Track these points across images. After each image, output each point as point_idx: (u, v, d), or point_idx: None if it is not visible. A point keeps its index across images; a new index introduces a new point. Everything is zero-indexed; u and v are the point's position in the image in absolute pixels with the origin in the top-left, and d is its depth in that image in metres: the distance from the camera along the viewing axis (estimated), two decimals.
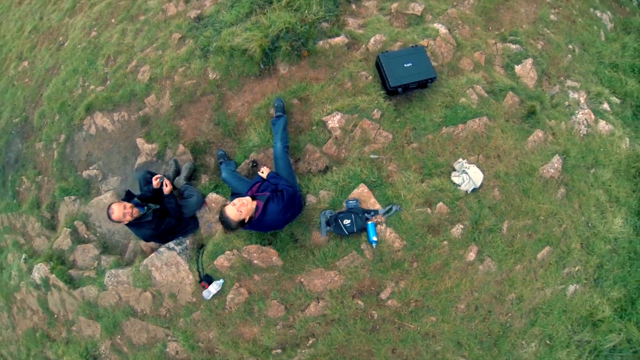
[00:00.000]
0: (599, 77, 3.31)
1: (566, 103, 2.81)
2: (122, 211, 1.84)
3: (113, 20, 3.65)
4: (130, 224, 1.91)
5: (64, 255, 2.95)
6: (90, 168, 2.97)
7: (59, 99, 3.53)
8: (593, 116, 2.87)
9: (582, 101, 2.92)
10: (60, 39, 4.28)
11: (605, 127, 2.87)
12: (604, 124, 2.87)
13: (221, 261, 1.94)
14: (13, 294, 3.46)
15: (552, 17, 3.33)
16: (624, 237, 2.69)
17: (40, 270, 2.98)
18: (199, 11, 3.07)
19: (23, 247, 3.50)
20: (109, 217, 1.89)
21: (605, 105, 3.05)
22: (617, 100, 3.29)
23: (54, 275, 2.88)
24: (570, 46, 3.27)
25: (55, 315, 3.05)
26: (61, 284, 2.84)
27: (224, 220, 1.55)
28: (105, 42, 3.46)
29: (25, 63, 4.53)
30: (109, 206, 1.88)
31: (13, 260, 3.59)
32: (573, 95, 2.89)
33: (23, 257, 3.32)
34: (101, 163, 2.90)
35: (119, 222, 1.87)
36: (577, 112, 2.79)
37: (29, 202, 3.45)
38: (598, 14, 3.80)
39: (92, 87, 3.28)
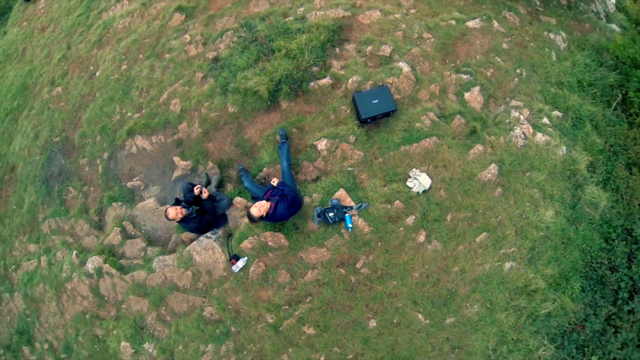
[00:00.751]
0: (544, 95, 4.56)
1: (507, 120, 4.07)
2: (175, 212, 3.13)
3: (141, 56, 5.01)
4: (180, 221, 3.21)
5: (114, 249, 4.28)
6: (134, 180, 4.31)
7: (98, 123, 4.89)
8: (532, 130, 4.12)
9: (523, 118, 4.18)
10: (91, 68, 5.66)
11: (542, 138, 4.13)
12: (541, 136, 4.13)
13: (245, 244, 3.25)
14: (64, 284, 4.79)
15: (504, 45, 4.59)
16: (556, 226, 3.92)
17: (94, 262, 4.31)
18: (215, 53, 4.41)
19: (72, 245, 4.85)
20: (166, 217, 3.17)
21: (545, 120, 4.31)
22: (560, 114, 4.53)
23: (107, 265, 4.20)
24: (518, 70, 4.53)
25: (106, 298, 4.37)
26: (113, 271, 4.16)
27: (250, 216, 2.85)
28: (136, 76, 4.81)
29: (59, 89, 5.92)
30: (166, 210, 3.16)
31: (62, 257, 4.93)
32: (515, 113, 4.15)
33: (74, 253, 4.66)
34: (143, 175, 4.23)
35: (173, 220, 3.16)
36: (516, 127, 4.04)
37: (77, 208, 4.79)
38: (552, 37, 5.06)
39: (129, 114, 4.63)
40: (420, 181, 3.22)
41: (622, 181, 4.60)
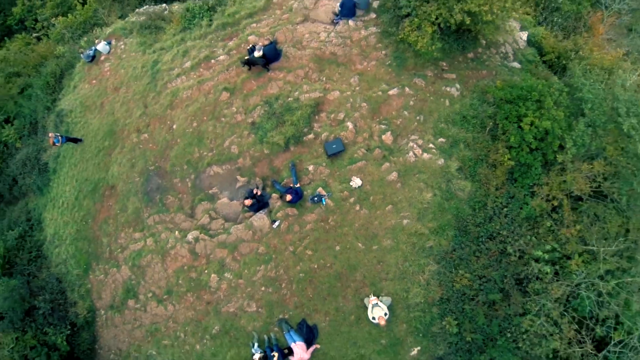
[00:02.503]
0: (434, 130, 11.43)
1: (406, 148, 10.88)
2: (249, 202, 10.02)
3: (205, 118, 11.97)
4: (249, 207, 10.09)
5: (205, 226, 11.18)
6: (213, 189, 11.22)
7: (184, 158, 11.86)
8: (421, 152, 10.96)
9: (416, 146, 10.98)
10: (169, 123, 12.65)
11: (427, 156, 11.01)
12: (426, 155, 10.99)
13: (278, 214, 10.26)
14: (168, 251, 11.72)
15: (411, 103, 11.50)
16: (434, 201, 10.71)
17: (193, 234, 11.24)
18: (252, 119, 11.40)
19: (173, 229, 11.74)
20: (244, 205, 10.11)
21: (431, 145, 11.15)
22: (443, 140, 11.42)
23: (201, 235, 11.10)
24: (418, 117, 11.42)
25: (199, 254, 11.25)
26: (206, 237, 11.07)
27: (283, 199, 9.75)
28: (204, 130, 11.76)
29: (146, 135, 12.92)
30: (243, 202, 10.09)
31: (166, 236, 11.82)
32: (411, 144, 10.94)
33: (177, 232, 11.52)
34: (218, 186, 11.12)
35: (247, 206, 10.02)
36: (410, 151, 10.82)
37: (175, 207, 11.73)
38: (448, 89, 11.94)
39: (205, 153, 11.58)
40: (356, 182, 9.99)
41: (483, 175, 11.33)
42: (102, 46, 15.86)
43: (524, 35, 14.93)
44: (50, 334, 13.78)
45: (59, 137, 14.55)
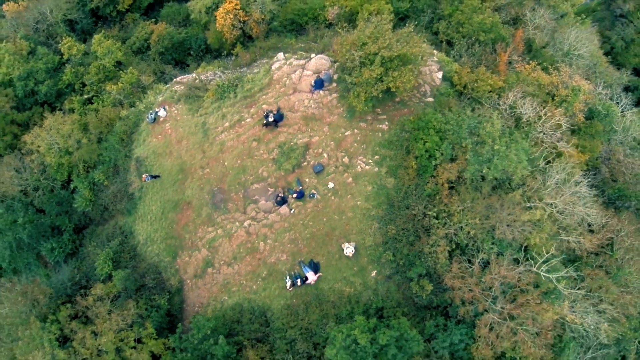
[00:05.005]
0: (372, 152, 33.93)
1: (356, 164, 31.96)
2: (279, 199, 31.13)
3: (245, 157, 33.97)
4: (277, 203, 31.22)
5: (253, 217, 33.02)
6: (255, 197, 32.84)
7: (236, 181, 34.18)
8: (364, 165, 33.04)
9: (362, 162, 32.24)
10: (222, 161, 34.78)
11: (368, 167, 34.36)
12: (368, 167, 33.54)
13: (293, 206, 32.37)
14: (233, 235, 33.42)
15: (358, 138, 34.40)
16: (373, 191, 32.77)
17: (247, 222, 33.07)
18: (273, 156, 33.34)
19: (234, 221, 33.48)
20: (277, 203, 31.24)
21: (370, 160, 33.57)
22: (377, 157, 34.52)
23: (252, 222, 32.99)
24: (363, 146, 34.08)
25: (251, 233, 33.01)
26: (255, 223, 34.07)
27: (295, 197, 30.98)
28: (246, 165, 34.13)
29: (207, 170, 35.22)
30: (276, 200, 31.10)
31: (230, 227, 33.26)
32: (359, 161, 32.12)
33: (236, 223, 32.68)
34: (259, 194, 32.36)
35: (276, 203, 31.07)
36: (358, 165, 32.00)
37: (234, 209, 33.85)
38: (380, 126, 34.48)
39: (248, 177, 33.89)
40: (330, 185, 31.02)
41: (401, 174, 33.68)
42: (162, 112, 36.51)
43: (440, 74, 36.06)
44: (155, 300, 34.65)
45: (149, 177, 35.21)
